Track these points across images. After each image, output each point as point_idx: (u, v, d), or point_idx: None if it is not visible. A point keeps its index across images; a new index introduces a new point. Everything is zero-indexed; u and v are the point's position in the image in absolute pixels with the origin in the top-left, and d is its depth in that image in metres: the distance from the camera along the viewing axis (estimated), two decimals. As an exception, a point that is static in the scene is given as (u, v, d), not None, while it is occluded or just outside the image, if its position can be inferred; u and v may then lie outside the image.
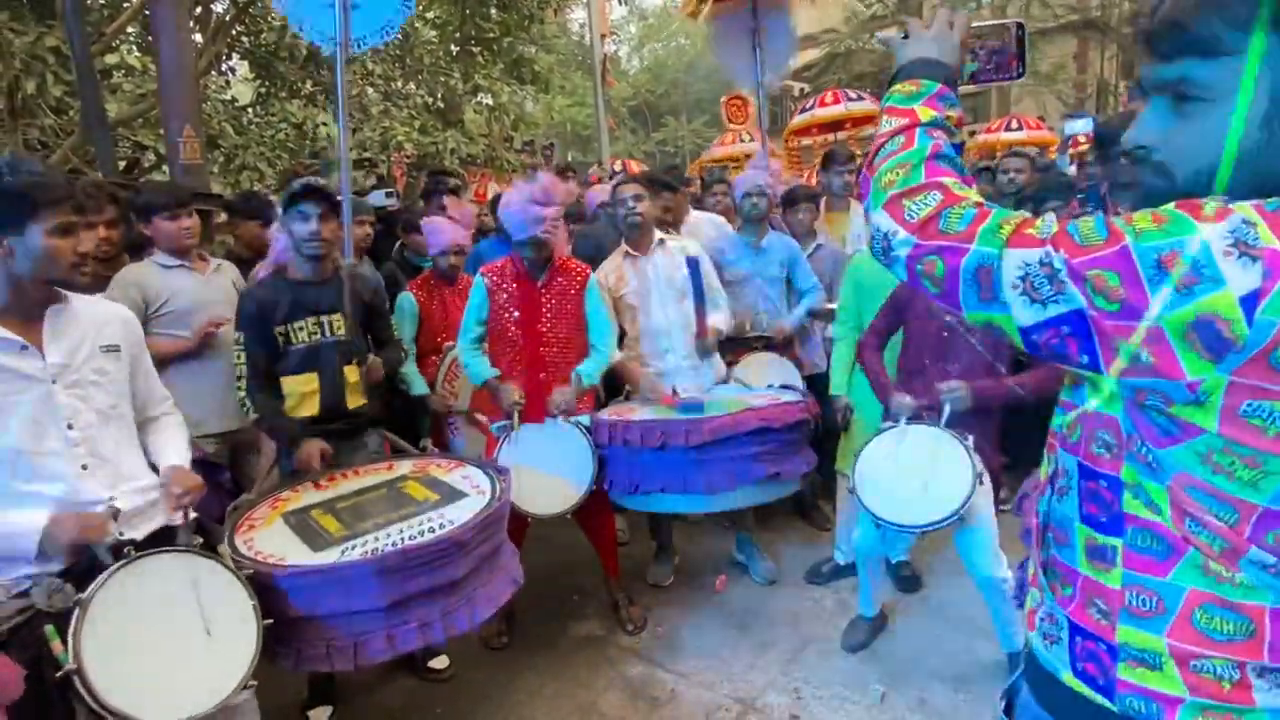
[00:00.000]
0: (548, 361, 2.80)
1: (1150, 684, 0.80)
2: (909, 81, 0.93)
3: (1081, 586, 0.86)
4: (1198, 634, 0.78)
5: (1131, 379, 0.74)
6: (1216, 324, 0.67)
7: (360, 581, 1.65)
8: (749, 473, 2.62)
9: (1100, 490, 0.83)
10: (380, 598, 1.66)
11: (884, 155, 0.89)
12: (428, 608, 1.73)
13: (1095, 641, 0.84)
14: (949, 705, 2.41)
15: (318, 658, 1.67)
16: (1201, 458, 0.74)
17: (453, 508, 1.95)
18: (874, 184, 0.88)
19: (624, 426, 2.69)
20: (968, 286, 0.79)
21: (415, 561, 1.68)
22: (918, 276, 0.83)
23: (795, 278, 3.56)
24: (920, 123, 0.89)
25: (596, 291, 2.88)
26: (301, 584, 1.65)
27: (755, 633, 2.86)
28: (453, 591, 1.78)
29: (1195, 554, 0.77)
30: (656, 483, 2.67)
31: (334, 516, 1.97)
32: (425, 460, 2.41)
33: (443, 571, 1.73)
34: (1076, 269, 0.72)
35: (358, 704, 2.57)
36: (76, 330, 1.62)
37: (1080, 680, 0.85)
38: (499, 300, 2.78)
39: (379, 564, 1.66)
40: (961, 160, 0.92)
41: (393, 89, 10.47)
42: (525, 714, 2.48)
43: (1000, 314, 0.78)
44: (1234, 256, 0.67)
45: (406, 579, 1.68)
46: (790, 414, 2.69)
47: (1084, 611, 0.85)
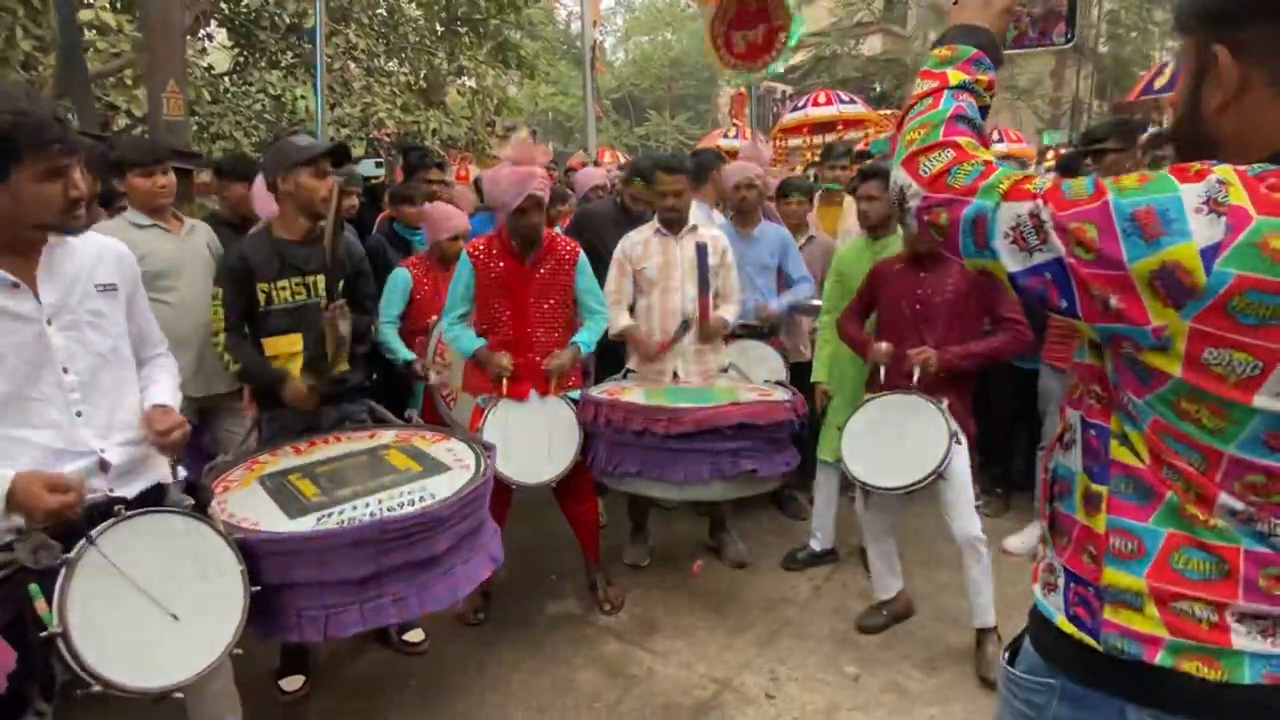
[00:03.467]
0: (535, 341, 2.75)
1: (1133, 624, 0.84)
2: (946, 47, 0.98)
3: (1077, 535, 0.90)
4: (1176, 575, 0.82)
5: (1104, 325, 0.81)
6: (1179, 273, 0.74)
7: (334, 553, 1.59)
8: (725, 467, 2.59)
9: (1091, 439, 0.89)
10: (355, 570, 1.60)
11: (912, 116, 0.96)
12: (404, 582, 1.68)
13: (1085, 586, 0.89)
14: (920, 688, 2.43)
15: (287, 627, 1.61)
16: (1171, 405, 0.80)
17: (435, 480, 1.89)
18: (900, 142, 0.95)
19: (609, 406, 2.66)
20: (965, 236, 0.86)
21: (393, 535, 1.62)
22: (925, 226, 0.90)
23: (787, 267, 3.55)
24: (949, 86, 0.95)
25: (587, 265, 2.83)
26: (274, 551, 1.58)
27: (731, 616, 2.85)
28: (430, 567, 1.73)
29: (1173, 499, 0.82)
30: (634, 465, 2.64)
31: (312, 481, 1.91)
32: (410, 431, 2.35)
33: (421, 546, 1.68)
34: (1060, 221, 0.79)
35: (331, 675, 2.51)
36: (71, 267, 1.51)
37: (1072, 623, 0.90)
38: (486, 278, 2.72)
39: (355, 536, 1.60)
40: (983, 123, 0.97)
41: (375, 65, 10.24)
42: (502, 688, 2.44)
43: (991, 261, 0.85)
44: (1204, 213, 0.74)
45: (383, 552, 1.63)
46: (776, 413, 2.66)
47: (1077, 558, 0.90)
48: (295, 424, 2.34)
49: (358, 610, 1.61)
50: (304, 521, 1.66)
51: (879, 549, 2.75)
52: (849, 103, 8.27)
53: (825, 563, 3.21)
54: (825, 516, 3.20)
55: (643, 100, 24.78)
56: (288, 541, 1.58)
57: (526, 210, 2.59)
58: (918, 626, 2.76)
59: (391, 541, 1.61)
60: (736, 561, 3.23)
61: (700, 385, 3.01)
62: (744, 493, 2.74)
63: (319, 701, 2.38)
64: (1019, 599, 2.81)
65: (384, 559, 1.61)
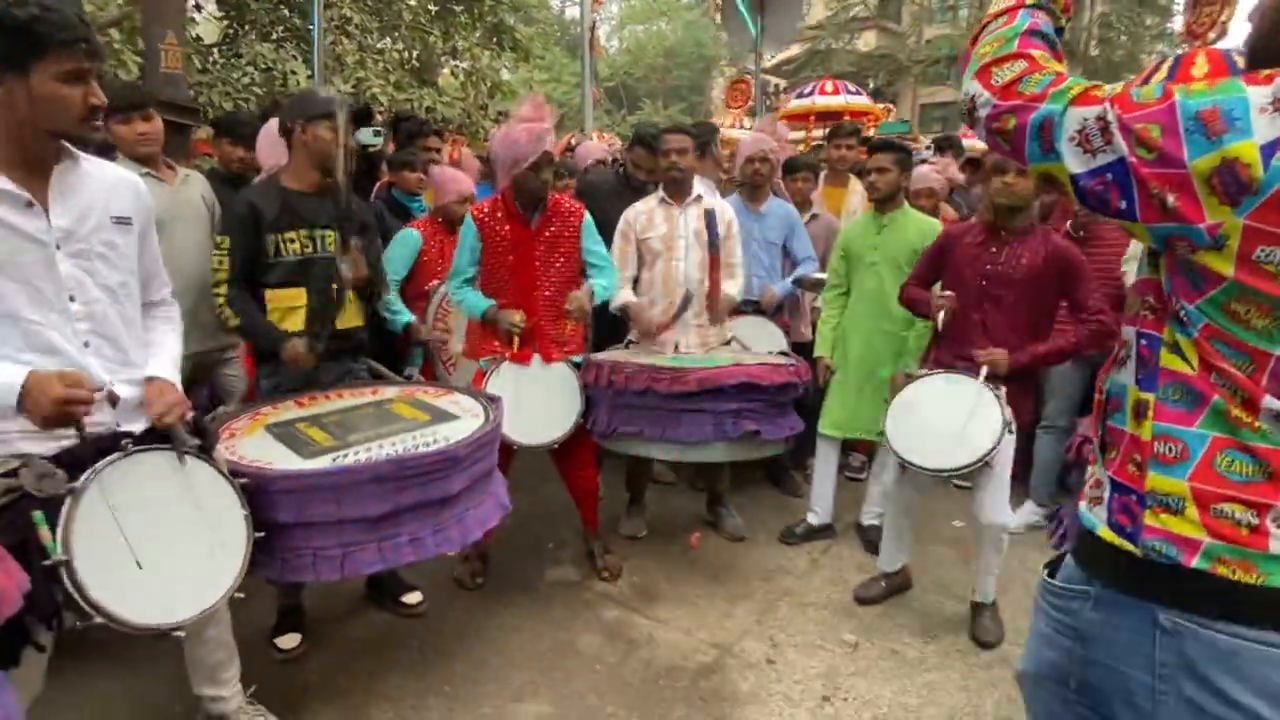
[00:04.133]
0: (541, 304, 2.74)
1: (1172, 528, 0.87)
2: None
3: (1125, 445, 0.94)
4: (1218, 476, 0.85)
5: (1160, 225, 0.83)
6: (1237, 168, 0.77)
7: (353, 489, 1.58)
8: (728, 427, 2.60)
9: (1142, 349, 0.92)
10: (372, 508, 1.60)
11: (987, 32, 0.99)
12: (419, 522, 1.68)
13: (1129, 493, 0.92)
14: (918, 655, 2.46)
15: (303, 567, 1.60)
16: (1222, 307, 0.83)
17: (445, 426, 1.89)
18: (973, 57, 0.98)
19: (613, 367, 2.67)
20: (1032, 140, 0.90)
21: (411, 472, 1.62)
22: (993, 133, 0.94)
23: (792, 246, 3.56)
24: (1025, 4, 0.98)
25: (592, 225, 2.82)
26: (290, 489, 1.57)
27: (729, 586, 2.87)
28: (445, 507, 1.72)
29: (1219, 403, 0.85)
30: (636, 426, 2.65)
31: (320, 429, 1.89)
32: (413, 387, 2.34)
33: (437, 486, 1.67)
34: (1126, 122, 0.83)
35: (328, 635, 2.49)
36: (86, 194, 1.47)
37: (1112, 531, 0.93)
38: (491, 241, 2.70)
39: (374, 471, 1.59)
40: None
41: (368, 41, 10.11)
42: (501, 650, 2.44)
43: (1055, 163, 0.89)
44: (1268, 112, 0.77)
45: (400, 490, 1.62)
46: (779, 375, 2.68)
47: (1124, 467, 0.93)
48: (294, 380, 2.30)
49: (375, 548, 1.60)
50: (319, 462, 1.65)
51: (897, 523, 2.76)
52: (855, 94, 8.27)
53: (822, 537, 3.24)
54: (824, 491, 3.22)
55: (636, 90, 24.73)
56: (306, 478, 1.56)
57: (540, 166, 2.57)
58: (914, 598, 2.80)
59: (410, 479, 1.61)
60: (734, 534, 3.25)
61: (700, 355, 3.01)
62: (746, 455, 2.75)
63: (316, 660, 2.36)
64: (1014, 573, 2.87)
65: (401, 497, 1.61)
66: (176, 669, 1.91)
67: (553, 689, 2.25)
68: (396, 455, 1.64)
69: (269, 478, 1.57)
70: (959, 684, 2.31)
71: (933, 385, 2.51)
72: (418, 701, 2.17)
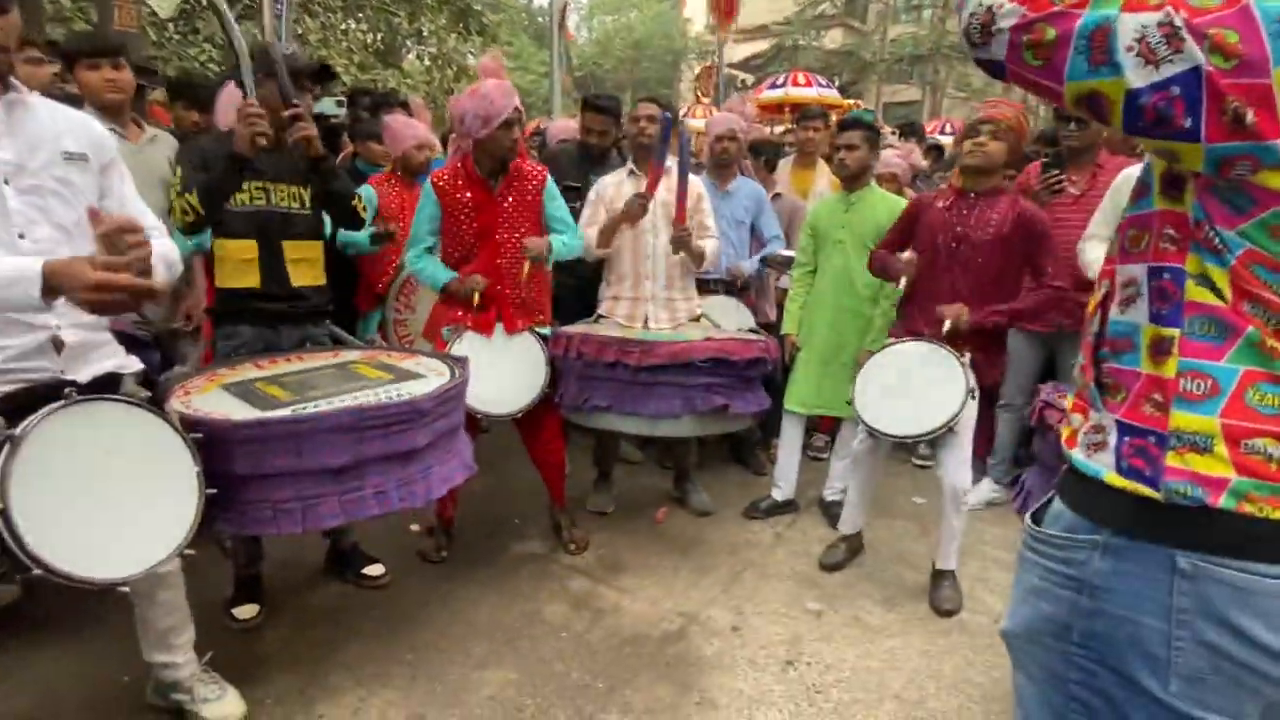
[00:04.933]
0: (505, 272, 2.71)
1: (1198, 468, 0.83)
2: None
3: (1139, 386, 0.89)
4: (1250, 411, 0.82)
5: (1226, 145, 0.77)
6: None
7: (314, 439, 1.55)
8: (698, 401, 2.62)
9: (1164, 284, 0.87)
10: (334, 458, 1.57)
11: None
12: (383, 475, 1.65)
13: (1144, 436, 0.88)
14: (880, 622, 2.51)
15: (263, 520, 1.57)
16: (1270, 231, 0.79)
17: (409, 384, 1.87)
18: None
19: (581, 338, 2.66)
20: (1078, 53, 0.79)
21: (374, 422, 1.60)
22: (1020, 48, 0.83)
23: (760, 224, 3.58)
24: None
25: (555, 188, 2.79)
26: (248, 438, 1.53)
27: (695, 559, 2.89)
28: (410, 461, 1.71)
29: (1253, 333, 0.82)
30: (604, 399, 2.65)
31: (280, 386, 1.85)
32: (375, 350, 2.30)
33: (401, 438, 1.66)
34: (1197, 27, 0.74)
35: (287, 605, 2.44)
36: (34, 128, 1.42)
37: (1124, 476, 0.89)
38: (453, 208, 2.66)
39: (334, 420, 1.57)
40: None
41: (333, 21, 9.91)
42: (466, 620, 2.42)
43: (1110, 78, 0.78)
44: None
45: (363, 440, 1.60)
46: (750, 350, 2.70)
47: (1137, 409, 0.89)
48: (253, 343, 2.26)
49: (336, 501, 1.57)
50: (281, 413, 1.61)
51: (863, 484, 2.81)
52: (826, 87, 8.36)
53: (786, 512, 3.28)
54: (788, 467, 3.26)
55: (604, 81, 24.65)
56: (264, 426, 1.53)
57: (511, 123, 2.54)
58: (877, 569, 2.85)
59: (373, 430, 1.59)
60: (700, 510, 3.27)
61: (670, 331, 3.01)
62: (714, 429, 2.78)
63: (274, 630, 2.31)
64: (971, 546, 2.94)
65: (364, 448, 1.59)
66: (124, 640, 1.85)
67: (518, 656, 2.24)
68: (358, 405, 1.61)
69: (226, 428, 1.53)
70: (919, 649, 2.36)
71: (898, 354, 2.57)
72: (379, 669, 2.14)
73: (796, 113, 8.82)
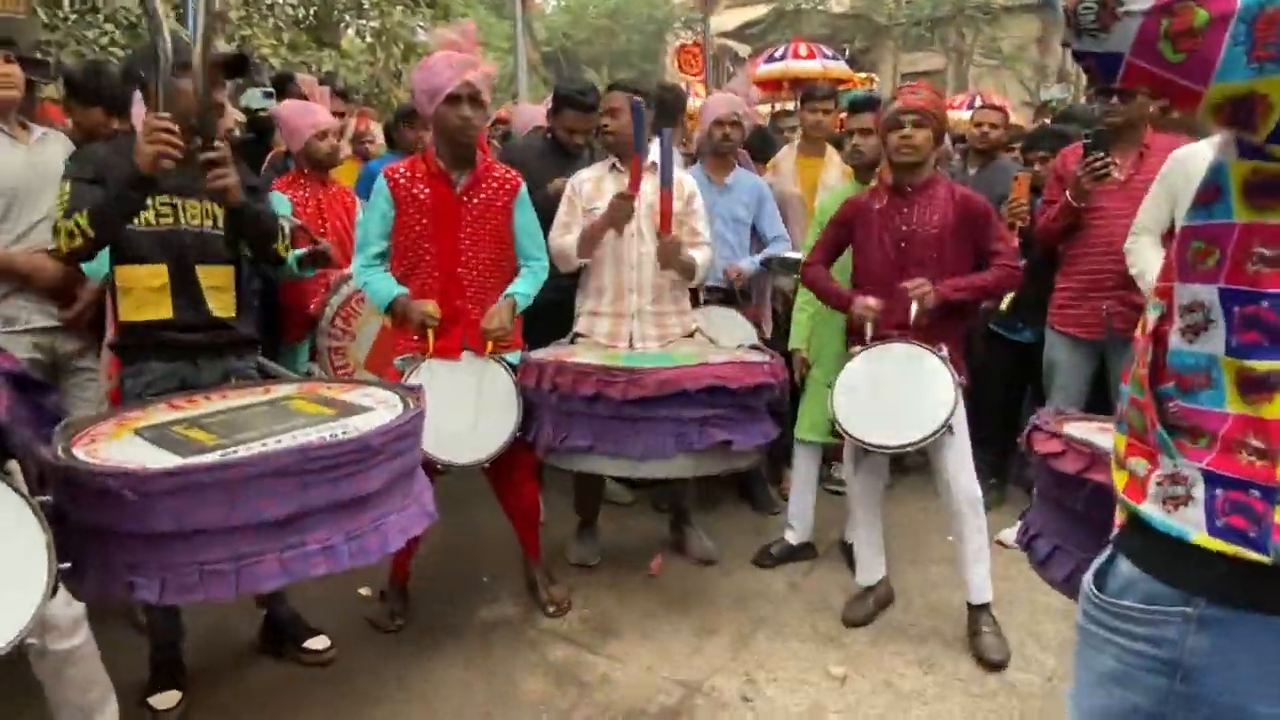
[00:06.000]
0: (467, 285, 2.76)
1: None
2: None
3: (1229, 430, 0.88)
4: None
5: None
6: None
7: (248, 487, 1.58)
8: (693, 437, 2.65)
9: (1258, 312, 0.85)
10: (273, 509, 1.59)
11: None
12: (331, 527, 1.67)
13: (1244, 489, 0.86)
14: (915, 686, 2.55)
15: (189, 586, 1.58)
16: None
17: (357, 419, 1.89)
18: None
19: (556, 367, 2.70)
20: (1235, 44, 0.76)
21: (318, 465, 1.62)
22: (1154, 39, 0.79)
23: (761, 223, 3.67)
24: None
25: (528, 202, 2.87)
26: (169, 490, 1.55)
27: (697, 616, 2.93)
28: (361, 510, 1.73)
29: None
30: (585, 438, 2.67)
31: (204, 430, 1.87)
32: (313, 384, 2.34)
33: (350, 483, 1.68)
34: None
35: (215, 690, 2.46)
36: None
37: (1220, 537, 0.87)
38: (408, 208, 2.71)
39: (273, 464, 1.59)
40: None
41: (255, -7, 10.03)
42: (427, 701, 2.44)
43: (1278, 76, 0.75)
44: None
45: (307, 487, 1.62)
46: (752, 375, 2.72)
47: (1230, 458, 0.87)
48: (167, 380, 2.29)
49: (276, 559, 1.60)
50: (206, 458, 1.64)
51: (869, 526, 2.88)
52: (832, 59, 8.48)
53: (802, 558, 3.33)
54: (803, 505, 3.32)
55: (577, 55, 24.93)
56: (188, 474, 1.55)
57: (460, 99, 2.56)
58: (909, 623, 2.90)
59: (317, 473, 1.61)
60: (703, 558, 3.31)
61: (659, 351, 3.06)
62: (714, 468, 2.81)
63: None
64: (1018, 594, 2.99)
65: (308, 495, 1.61)
66: None
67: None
68: (299, 444, 1.64)
69: (142, 478, 1.55)
70: (961, 717, 2.40)
71: (869, 360, 2.70)
72: (326, 761, 2.16)
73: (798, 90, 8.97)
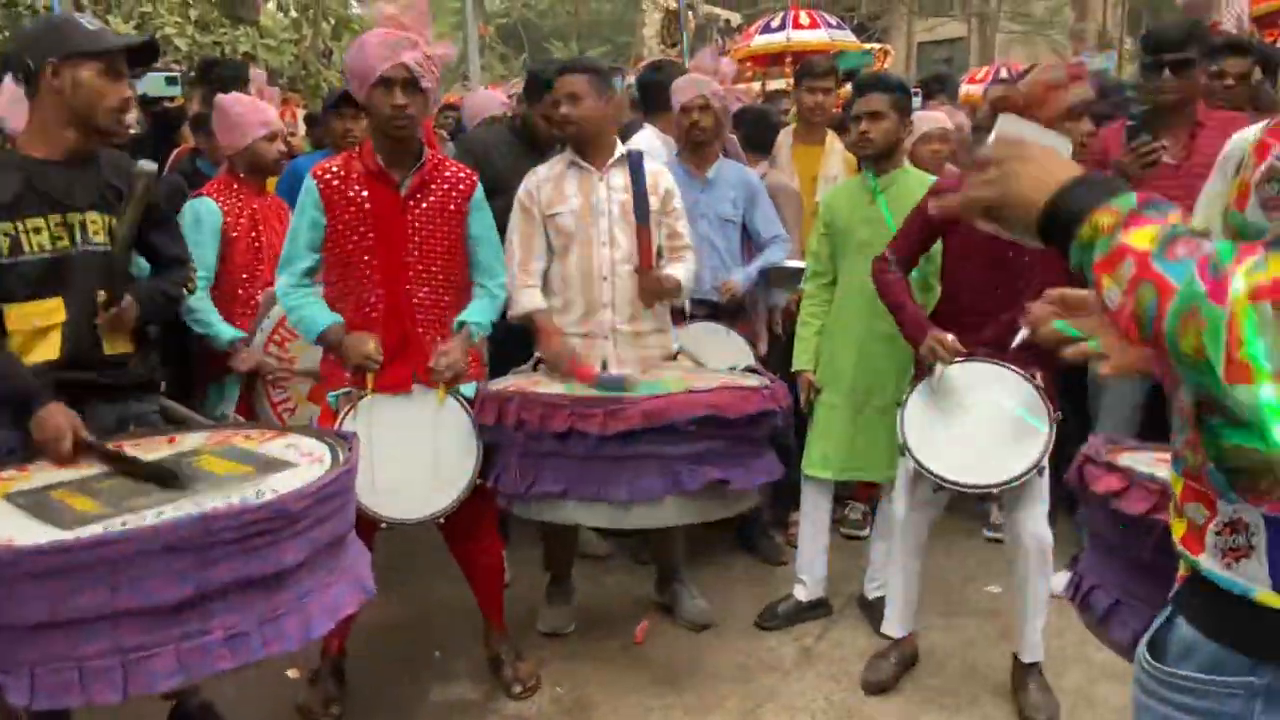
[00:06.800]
0: (416, 306, 2.71)
1: None
2: (1103, 211, 0.89)
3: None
4: None
5: None
6: None
7: (137, 566, 1.52)
8: (684, 477, 2.61)
9: None
10: (169, 590, 1.54)
11: (1167, 316, 0.82)
12: (240, 611, 1.62)
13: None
14: (953, 772, 2.51)
15: (66, 686, 1.52)
16: None
17: (276, 478, 1.85)
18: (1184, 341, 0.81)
19: (520, 401, 2.65)
20: None
21: (223, 537, 1.57)
22: None
23: (754, 223, 3.65)
24: (1151, 252, 0.83)
25: (486, 207, 2.84)
26: (39, 572, 1.50)
27: (692, 692, 2.89)
28: (278, 588, 1.68)
29: None
30: (558, 483, 2.63)
31: (87, 495, 1.83)
32: (226, 432, 2.28)
33: (263, 556, 1.63)
34: None
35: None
36: None
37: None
38: (342, 214, 2.66)
39: (168, 536, 1.54)
40: None
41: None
42: (368, 805, 2.37)
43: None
44: None
45: (209, 564, 1.57)
46: (750, 402, 2.70)
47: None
48: None
49: (173, 652, 1.55)
50: (87, 531, 1.59)
51: (908, 571, 2.87)
52: (838, 28, 8.56)
53: (815, 617, 3.29)
54: (814, 553, 3.28)
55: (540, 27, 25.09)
56: (66, 553, 1.50)
57: (392, 84, 2.53)
58: (943, 690, 2.88)
59: (223, 548, 1.56)
60: (696, 621, 3.27)
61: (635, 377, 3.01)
62: (709, 513, 2.77)
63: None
64: (1069, 649, 2.97)
65: (210, 574, 1.56)
66: None
67: None
68: (201, 513, 1.59)
69: (7, 559, 1.50)
70: (1006, 802, 2.37)
71: (952, 379, 2.67)
72: None
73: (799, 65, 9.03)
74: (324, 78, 10.69)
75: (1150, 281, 0.82)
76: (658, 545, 3.41)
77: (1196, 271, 0.79)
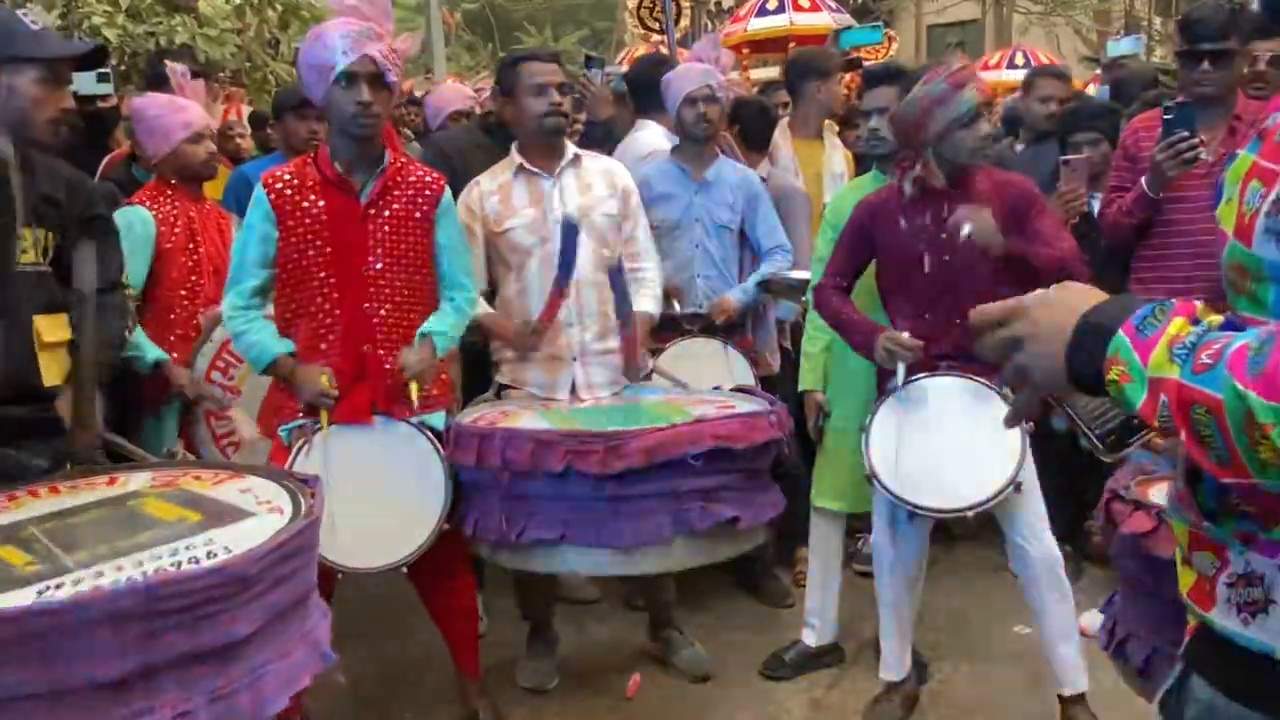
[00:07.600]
0: (377, 326, 2.70)
1: None
2: (1108, 372, 0.90)
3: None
4: None
5: None
6: None
7: (74, 638, 1.49)
8: (694, 516, 2.57)
9: None
10: (109, 666, 1.50)
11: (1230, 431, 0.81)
12: (187, 686, 1.59)
13: None
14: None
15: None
16: None
17: (228, 531, 1.82)
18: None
19: (504, 437, 2.60)
20: None
21: (169, 606, 1.54)
22: None
23: (754, 229, 3.66)
24: (1179, 375, 0.83)
25: (455, 213, 2.84)
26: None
27: (690, 752, 2.87)
28: (230, 660, 1.65)
29: None
30: (553, 528, 2.59)
31: (20, 547, 1.80)
32: (173, 471, 2.26)
33: (214, 626, 1.60)
34: None
35: None
36: None
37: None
38: (295, 226, 2.65)
39: (107, 608, 1.51)
40: None
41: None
42: None
43: None
44: None
45: (154, 635, 1.53)
46: (759, 431, 2.67)
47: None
48: None
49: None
50: (16, 596, 1.56)
51: (900, 608, 2.87)
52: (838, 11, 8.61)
53: (826, 665, 3.29)
54: (824, 595, 3.28)
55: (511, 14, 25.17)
56: (-7, 625, 1.47)
57: (357, 79, 2.52)
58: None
59: (169, 618, 1.53)
60: (694, 672, 3.26)
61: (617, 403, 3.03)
62: (719, 555, 2.76)
63: None
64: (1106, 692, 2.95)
65: (155, 648, 1.53)
66: None
67: None
68: (145, 579, 1.57)
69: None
70: None
71: (917, 396, 2.73)
72: None
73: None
74: (270, 70, 10.65)
75: (1197, 404, 0.81)
76: (649, 588, 3.39)
77: (1233, 376, 0.78)
